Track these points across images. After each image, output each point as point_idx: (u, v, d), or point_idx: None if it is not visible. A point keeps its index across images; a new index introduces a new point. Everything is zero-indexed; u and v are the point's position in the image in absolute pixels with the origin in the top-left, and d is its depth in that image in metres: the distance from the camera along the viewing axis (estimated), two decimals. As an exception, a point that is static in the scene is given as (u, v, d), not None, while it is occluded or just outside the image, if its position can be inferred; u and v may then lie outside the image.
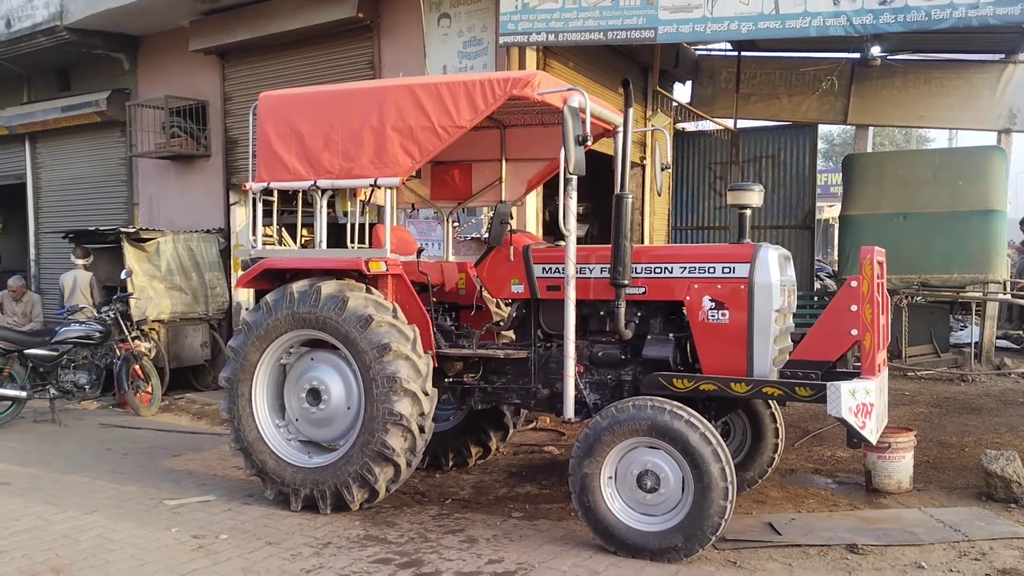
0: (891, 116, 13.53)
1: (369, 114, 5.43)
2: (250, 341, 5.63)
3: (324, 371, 5.56)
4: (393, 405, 5.17)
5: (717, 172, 13.83)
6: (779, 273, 4.93)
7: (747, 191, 5.18)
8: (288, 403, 5.72)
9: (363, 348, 5.24)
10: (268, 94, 5.92)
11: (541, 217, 9.45)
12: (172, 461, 7.15)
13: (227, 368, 5.77)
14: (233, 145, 10.95)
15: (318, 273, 5.61)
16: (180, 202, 11.43)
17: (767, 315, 4.85)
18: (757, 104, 13.58)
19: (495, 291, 5.82)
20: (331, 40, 9.68)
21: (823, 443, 7.36)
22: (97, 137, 12.55)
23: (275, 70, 10.19)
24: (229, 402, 5.73)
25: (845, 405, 4.40)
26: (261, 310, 5.62)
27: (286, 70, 10.03)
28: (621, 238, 4.98)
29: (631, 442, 4.70)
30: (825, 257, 23.75)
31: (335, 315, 5.31)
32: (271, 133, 5.71)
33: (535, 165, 6.60)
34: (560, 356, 5.27)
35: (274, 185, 5.72)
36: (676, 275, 5.12)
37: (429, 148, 5.31)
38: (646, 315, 5.33)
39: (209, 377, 10.54)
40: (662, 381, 4.94)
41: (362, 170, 5.43)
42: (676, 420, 4.57)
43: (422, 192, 6.91)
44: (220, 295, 10.75)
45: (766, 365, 4.85)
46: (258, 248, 5.91)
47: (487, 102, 5.14)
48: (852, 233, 11.21)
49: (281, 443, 5.68)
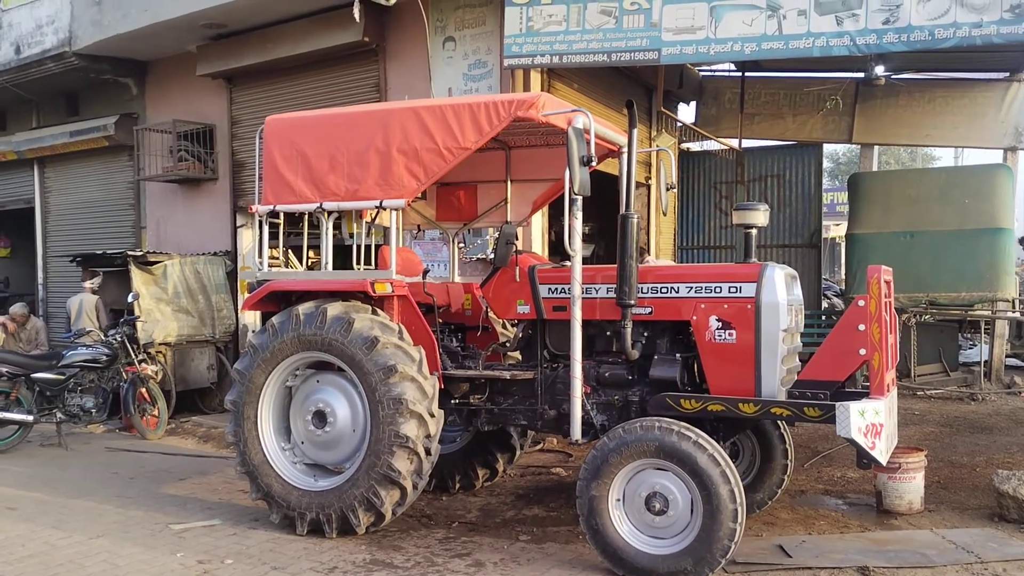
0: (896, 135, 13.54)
1: (375, 136, 5.46)
2: (256, 363, 5.63)
3: (330, 393, 5.55)
4: (399, 427, 5.15)
5: (722, 192, 13.84)
6: (786, 292, 4.92)
7: (753, 210, 5.18)
8: (294, 426, 5.71)
9: (369, 370, 5.23)
10: (274, 117, 5.95)
11: (546, 237, 9.45)
12: (178, 485, 7.13)
13: (233, 391, 5.77)
14: (240, 168, 11.01)
15: (324, 295, 5.62)
16: (187, 225, 11.48)
17: (774, 335, 4.83)
18: (762, 124, 13.61)
19: (501, 312, 5.81)
20: (337, 64, 9.76)
21: (833, 464, 7.30)
22: (105, 161, 12.64)
23: (282, 94, 10.26)
24: (235, 425, 5.72)
25: (854, 425, 4.37)
26: (267, 332, 5.62)
27: (292, 94, 10.10)
28: (627, 258, 4.99)
29: (639, 464, 4.67)
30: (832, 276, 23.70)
31: (341, 337, 5.31)
32: (277, 156, 5.75)
33: (540, 186, 6.61)
34: (567, 377, 5.26)
35: (280, 207, 5.74)
36: (682, 295, 5.12)
37: (434, 170, 5.33)
38: (653, 335, 5.31)
39: (215, 400, 10.53)
40: (669, 401, 4.91)
41: (368, 192, 5.45)
42: (684, 441, 4.54)
43: (428, 213, 6.93)
44: (226, 317, 10.76)
45: (774, 385, 4.83)
46: (264, 270, 5.93)
47: (492, 124, 5.16)
48: (859, 252, 11.19)
49: (287, 466, 5.66)
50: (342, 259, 6.55)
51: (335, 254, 5.81)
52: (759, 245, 13.04)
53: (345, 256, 6.29)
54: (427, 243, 9.16)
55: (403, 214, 6.66)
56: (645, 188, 11.75)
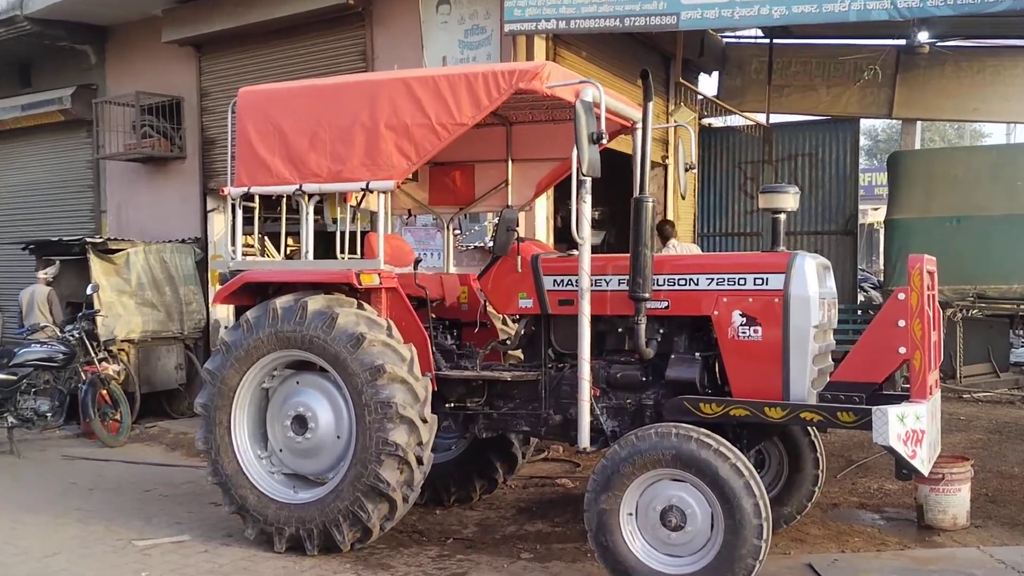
0: (941, 109, 13.54)
1: (360, 111, 5.45)
2: (229, 363, 5.64)
3: (311, 396, 5.56)
4: (388, 434, 5.17)
5: (748, 172, 13.83)
6: (817, 284, 4.92)
7: (781, 193, 5.18)
8: (271, 432, 5.72)
9: (354, 370, 5.24)
10: (249, 89, 5.95)
11: (551, 224, 9.46)
12: (143, 497, 7.15)
13: (203, 393, 5.78)
14: (210, 146, 11.01)
15: (304, 287, 5.62)
16: (152, 209, 11.48)
17: (804, 331, 4.84)
18: (792, 96, 13.60)
19: (501, 306, 5.81)
20: (319, 29, 9.75)
21: (869, 474, 7.31)
22: (60, 138, 12.63)
23: (257, 63, 10.25)
24: (206, 431, 5.73)
25: (893, 432, 4.38)
26: (241, 328, 5.63)
27: (269, 63, 10.10)
28: (641, 246, 4.99)
29: (654, 474, 4.69)
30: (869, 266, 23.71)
31: (323, 334, 5.32)
32: (252, 132, 5.74)
33: (545, 166, 6.61)
34: (573, 378, 5.26)
35: (255, 190, 5.74)
36: (702, 287, 5.12)
37: (427, 148, 5.32)
38: (669, 332, 5.32)
39: (184, 403, 10.55)
40: (687, 406, 4.92)
41: (353, 172, 5.45)
42: (704, 449, 4.55)
43: (419, 196, 6.93)
44: (196, 312, 10.78)
45: (804, 387, 4.84)
46: (238, 259, 5.93)
47: (491, 97, 5.15)
48: (899, 239, 11.20)
49: (263, 476, 5.67)
50: (324, 247, 6.55)
51: (316, 242, 5.81)
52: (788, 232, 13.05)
53: (328, 244, 6.29)
54: (419, 230, 9.16)
55: (392, 197, 6.65)
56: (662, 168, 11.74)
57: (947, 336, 10.29)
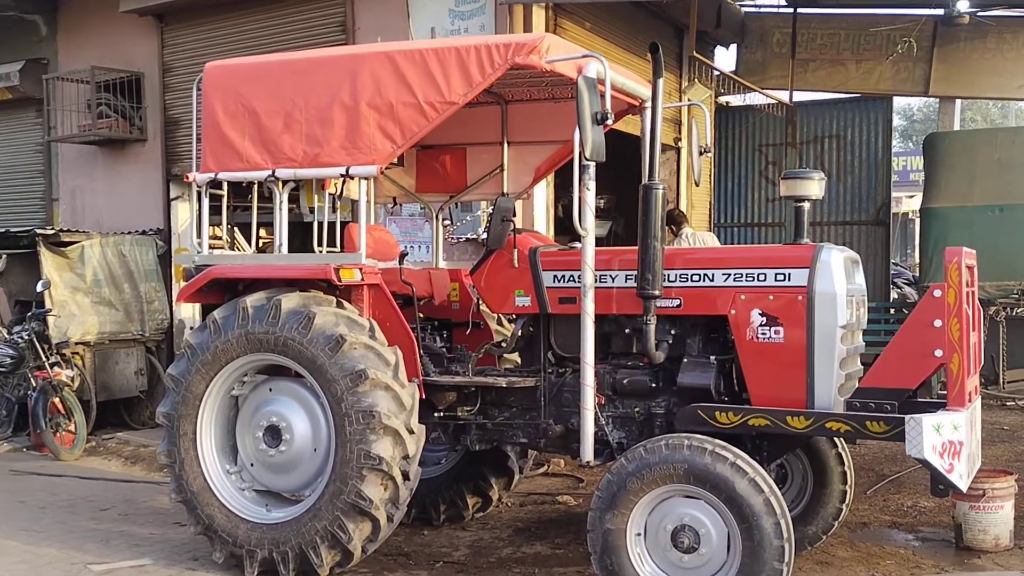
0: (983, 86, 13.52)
1: (340, 88, 5.45)
2: (194, 368, 5.64)
3: (285, 404, 5.56)
4: (370, 446, 5.17)
5: (769, 156, 13.82)
6: (845, 280, 4.93)
7: (805, 179, 5.18)
8: (241, 444, 5.72)
9: (333, 376, 5.24)
10: (216, 64, 5.94)
11: (551, 213, 9.46)
12: (99, 516, 7.15)
13: (166, 401, 5.78)
14: (174, 127, 10.99)
15: (278, 283, 5.62)
16: (110, 197, 11.47)
17: (831, 332, 4.84)
18: (818, 72, 13.58)
19: (495, 305, 5.82)
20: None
21: (902, 490, 7.33)
22: (7, 118, 12.61)
23: (225, 35, 10.24)
24: (169, 443, 5.73)
25: (928, 443, 4.38)
26: (208, 329, 5.63)
27: (239, 35, 10.08)
28: (650, 238, 4.99)
29: (664, 490, 4.69)
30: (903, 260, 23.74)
31: (299, 335, 5.32)
32: (220, 112, 5.74)
33: (544, 149, 6.61)
34: (576, 384, 5.27)
35: (224, 176, 5.73)
36: (718, 283, 5.12)
37: (414, 129, 5.32)
38: (682, 333, 5.32)
39: (145, 412, 10.55)
40: (702, 414, 4.93)
41: (331, 156, 5.45)
42: (719, 463, 4.56)
43: (405, 183, 6.93)
44: (158, 311, 10.77)
45: (830, 394, 4.84)
46: (204, 253, 5.93)
47: (484, 72, 5.15)
48: (936, 230, 11.20)
49: (233, 494, 5.67)
50: (300, 239, 6.56)
51: (291, 233, 5.81)
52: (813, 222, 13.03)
53: (304, 236, 6.29)
54: (405, 220, 9.16)
55: (375, 184, 6.67)
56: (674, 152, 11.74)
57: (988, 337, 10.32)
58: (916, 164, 25.17)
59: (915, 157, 25.39)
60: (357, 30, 9.37)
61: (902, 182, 25.19)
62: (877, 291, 12.58)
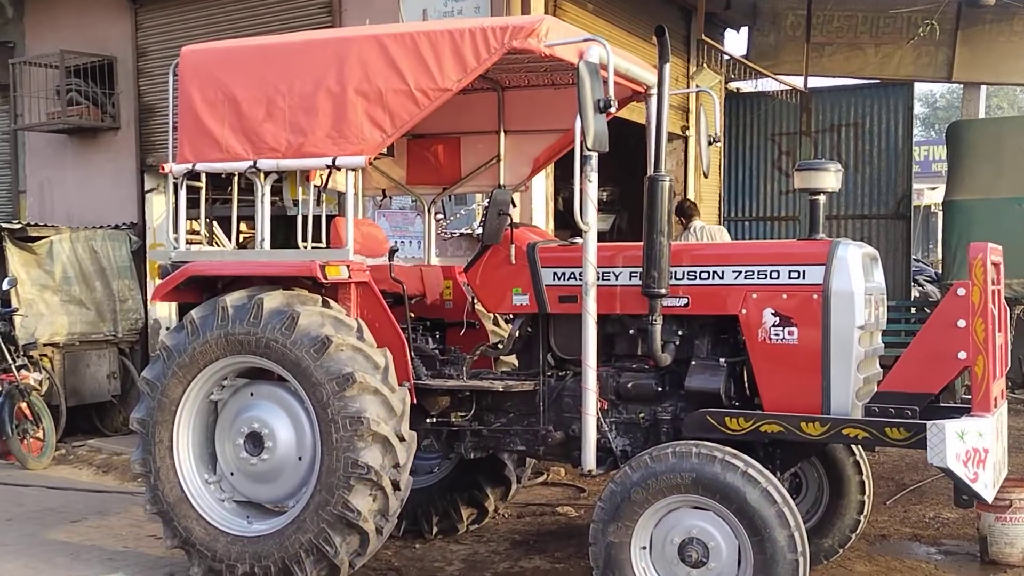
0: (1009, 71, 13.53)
1: (326, 74, 5.45)
2: (171, 371, 5.64)
3: (268, 410, 5.56)
4: (358, 454, 5.17)
5: (782, 146, 13.84)
6: (863, 278, 4.94)
7: (821, 171, 5.19)
8: (221, 452, 5.72)
9: (319, 379, 5.24)
10: (194, 48, 5.94)
11: (551, 207, 9.46)
12: (69, 529, 7.15)
13: (141, 406, 5.77)
14: (149, 114, 10.99)
15: (259, 281, 5.62)
16: (80, 189, 11.46)
17: (848, 333, 4.85)
18: (834, 57, 13.60)
19: (491, 304, 5.83)
20: (276, -24, 9.73)
21: (923, 500, 7.35)
22: (-29, 105, 12.59)
23: (203, 16, 10.23)
24: (144, 451, 5.73)
25: (951, 451, 4.39)
26: (185, 330, 5.63)
27: (217, 16, 10.08)
28: (656, 233, 5.00)
29: (671, 501, 4.70)
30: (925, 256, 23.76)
31: (282, 336, 5.31)
32: (198, 99, 5.73)
33: (543, 139, 6.62)
34: (577, 388, 5.27)
35: (202, 167, 5.73)
36: (728, 281, 5.13)
37: (404, 117, 5.32)
38: (689, 334, 5.33)
39: (118, 418, 10.55)
40: (711, 420, 4.94)
41: (317, 146, 5.45)
42: (729, 472, 4.56)
43: (395, 175, 6.93)
44: (132, 310, 10.77)
45: (847, 399, 4.85)
46: (181, 249, 5.92)
47: (480, 57, 5.15)
48: (960, 224, 11.22)
49: (212, 505, 5.67)
50: (283, 234, 6.55)
51: (274, 228, 5.80)
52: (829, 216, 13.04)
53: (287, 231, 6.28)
54: (395, 213, 9.16)
55: (363, 175, 6.68)
56: (681, 141, 11.76)
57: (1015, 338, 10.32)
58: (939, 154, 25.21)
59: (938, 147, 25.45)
60: (344, 11, 9.37)
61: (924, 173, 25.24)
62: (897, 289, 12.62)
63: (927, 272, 17.39)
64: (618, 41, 8.12)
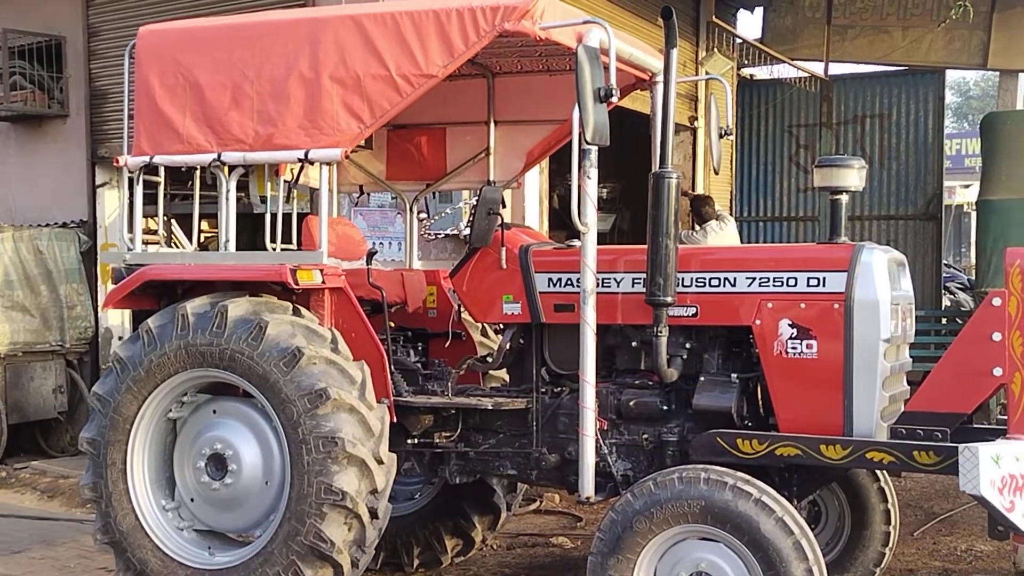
0: (1051, 57, 13.59)
1: (298, 58, 5.45)
2: (124, 385, 5.62)
3: (232, 429, 5.55)
4: (332, 479, 5.16)
5: (800, 139, 13.88)
6: (889, 286, 4.95)
7: (843, 167, 5.20)
8: (180, 476, 5.71)
9: (288, 396, 5.23)
10: (152, 28, 5.94)
11: (546, 205, 9.47)
12: (10, 560, 7.11)
13: (91, 424, 5.76)
14: (101, 101, 10.96)
15: (223, 286, 5.61)
16: (23, 183, 11.42)
17: (872, 347, 4.87)
18: (858, 41, 13.65)
19: (479, 312, 5.83)
20: (243, -51, 9.73)
21: (955, 531, 7.36)
22: (-96, 89, 12.54)
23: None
24: (94, 474, 5.71)
25: (985, 477, 4.39)
26: (140, 341, 5.62)
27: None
28: (661, 235, 5.01)
29: (677, 532, 4.70)
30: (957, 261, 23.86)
31: (248, 348, 5.31)
32: (156, 84, 5.73)
33: (537, 130, 6.63)
34: (574, 406, 5.27)
35: (160, 159, 5.72)
36: (741, 289, 5.14)
37: (384, 106, 5.32)
38: (698, 347, 5.34)
39: (65, 437, 10.51)
40: (721, 442, 4.95)
41: (287, 138, 5.45)
42: (741, 500, 4.57)
43: (374, 169, 6.93)
44: (81, 318, 10.74)
45: (871, 419, 4.87)
46: (137, 250, 5.92)
47: (468, 40, 5.16)
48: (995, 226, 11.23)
49: (170, 534, 5.66)
50: (250, 235, 6.55)
51: (239, 227, 5.80)
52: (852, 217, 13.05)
53: (254, 230, 6.29)
54: (373, 212, 9.16)
55: (339, 170, 6.67)
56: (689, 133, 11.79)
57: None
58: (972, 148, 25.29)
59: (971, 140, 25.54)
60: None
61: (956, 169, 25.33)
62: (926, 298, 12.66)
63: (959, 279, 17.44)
64: (621, 23, 8.16)
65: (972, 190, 18.89)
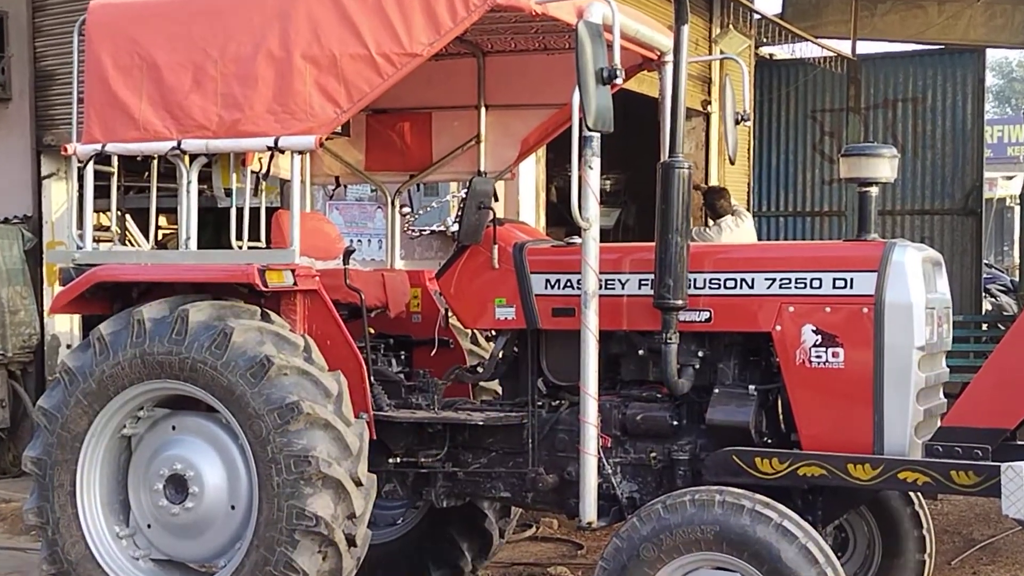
0: (1102, 34, 13.65)
1: (267, 34, 5.45)
2: (74, 399, 5.62)
3: (193, 447, 5.55)
4: (305, 502, 5.16)
5: (825, 125, 13.92)
6: (924, 288, 4.97)
7: (873, 156, 5.21)
8: (136, 499, 5.71)
9: (256, 410, 5.23)
10: (103, 2, 5.93)
11: (543, 198, 9.48)
12: (-53, 594, 7.13)
13: (36, 442, 5.75)
14: (47, 83, 10.95)
15: (184, 289, 5.62)
16: (-39, 174, 11.42)
17: (905, 355, 4.88)
18: (888, 17, 13.68)
19: (469, 317, 5.84)
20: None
21: (996, 560, 7.38)
22: None
23: (115, -38, 10.22)
24: (40, 498, 5.71)
25: (1031, 499, 4.42)
26: (92, 349, 5.62)
27: (133, -38, 10.07)
28: (671, 232, 5.01)
29: (689, 560, 4.71)
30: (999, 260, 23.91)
31: (212, 357, 5.31)
32: (108, 64, 5.73)
33: (532, 115, 6.65)
34: (574, 422, 5.28)
35: (113, 147, 5.72)
36: (759, 291, 5.16)
37: (364, 89, 5.33)
38: (712, 355, 5.35)
39: (7, 456, 10.50)
40: (738, 461, 4.96)
41: (256, 123, 5.45)
42: (760, 525, 4.58)
43: (352, 158, 6.94)
44: (25, 324, 10.72)
45: (904, 435, 4.88)
46: (87, 248, 5.92)
47: (456, 16, 5.15)
48: (1041, 222, 11.30)
49: (124, 565, 5.66)
50: (213, 231, 6.55)
51: (202, 223, 5.80)
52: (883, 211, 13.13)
53: (218, 226, 6.28)
54: (351, 206, 9.17)
55: (312, 159, 6.68)
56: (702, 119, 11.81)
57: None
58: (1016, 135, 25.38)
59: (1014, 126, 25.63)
60: (289, -42, 9.37)
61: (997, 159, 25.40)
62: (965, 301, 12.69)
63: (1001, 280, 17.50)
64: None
65: (1016, 182, 18.96)
